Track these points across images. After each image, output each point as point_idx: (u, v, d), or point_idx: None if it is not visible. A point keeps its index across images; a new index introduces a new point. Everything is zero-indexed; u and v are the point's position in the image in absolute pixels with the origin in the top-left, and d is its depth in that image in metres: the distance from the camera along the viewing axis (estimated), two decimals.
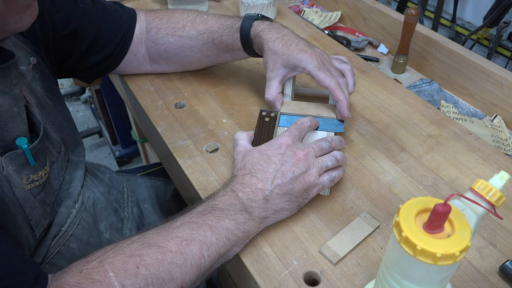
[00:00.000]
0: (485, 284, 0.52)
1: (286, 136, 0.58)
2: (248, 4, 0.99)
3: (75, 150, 0.69)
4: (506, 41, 0.97)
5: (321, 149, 0.59)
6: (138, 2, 1.13)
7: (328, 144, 0.60)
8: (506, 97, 0.79)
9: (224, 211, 0.53)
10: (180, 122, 0.76)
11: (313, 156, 0.57)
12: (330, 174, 0.58)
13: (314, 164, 0.57)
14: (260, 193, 0.55)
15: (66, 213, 0.63)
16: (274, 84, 0.69)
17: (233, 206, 0.54)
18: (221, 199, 0.55)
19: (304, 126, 0.61)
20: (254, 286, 0.54)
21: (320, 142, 0.59)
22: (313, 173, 0.57)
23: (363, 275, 0.53)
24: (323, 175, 0.58)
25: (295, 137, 0.59)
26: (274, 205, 0.56)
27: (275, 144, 0.58)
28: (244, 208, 0.54)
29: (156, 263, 0.47)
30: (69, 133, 0.67)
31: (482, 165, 0.67)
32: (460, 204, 0.41)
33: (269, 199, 0.55)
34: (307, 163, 0.56)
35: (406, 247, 0.36)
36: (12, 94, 0.52)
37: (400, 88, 0.83)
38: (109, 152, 2.09)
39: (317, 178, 0.57)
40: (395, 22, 0.96)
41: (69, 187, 0.65)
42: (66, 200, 0.64)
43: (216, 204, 0.54)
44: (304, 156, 0.56)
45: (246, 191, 0.55)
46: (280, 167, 0.56)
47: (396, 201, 0.62)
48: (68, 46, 0.70)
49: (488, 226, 0.59)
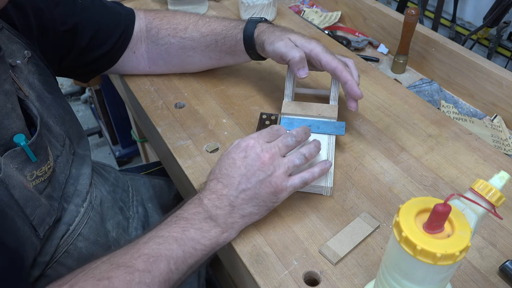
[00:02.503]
0: (485, 284, 0.52)
1: (253, 138, 0.56)
2: (248, 4, 0.99)
3: (80, 143, 0.68)
4: (506, 41, 0.97)
5: (287, 147, 0.56)
6: (138, 2, 1.13)
7: (294, 139, 0.57)
8: (506, 97, 0.79)
9: (189, 221, 0.53)
10: (180, 122, 0.76)
11: (280, 157, 0.55)
12: (302, 177, 0.56)
13: (281, 166, 0.55)
14: (226, 199, 0.54)
15: (75, 211, 0.62)
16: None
17: (198, 215, 0.53)
18: (187, 207, 0.54)
19: (279, 133, 0.58)
20: (254, 286, 0.54)
21: (285, 139, 0.57)
22: (279, 175, 0.54)
23: (363, 275, 0.53)
24: (294, 177, 0.56)
25: (263, 138, 0.56)
26: (241, 210, 0.55)
27: (240, 147, 0.56)
28: (209, 216, 0.54)
29: (124, 285, 0.47)
30: (71, 125, 0.66)
31: (482, 165, 0.67)
32: (460, 204, 0.41)
33: (235, 205, 0.54)
34: (273, 166, 0.54)
35: (406, 247, 0.36)
36: (2, 90, 0.50)
37: (400, 88, 0.83)
38: (109, 152, 2.09)
39: (286, 180, 0.55)
40: (395, 22, 0.96)
41: (76, 184, 0.64)
42: (75, 198, 0.63)
43: (181, 213, 0.54)
44: (269, 159, 0.54)
45: (211, 197, 0.54)
46: (245, 172, 0.54)
47: (396, 201, 0.62)
48: (67, 41, 0.69)
49: (488, 226, 0.59)
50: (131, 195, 0.82)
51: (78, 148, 0.67)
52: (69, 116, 0.66)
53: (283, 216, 0.60)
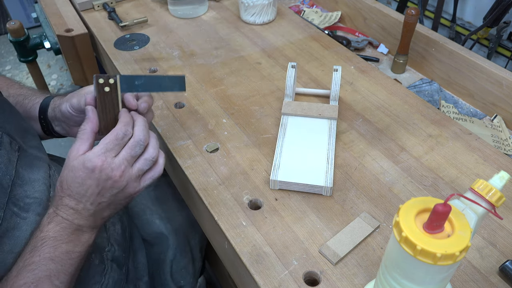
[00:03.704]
0: (485, 284, 0.52)
1: (99, 157, 0.54)
2: (248, 4, 0.99)
3: (25, 139, 0.62)
4: (506, 41, 0.97)
5: (134, 157, 0.56)
6: (138, 2, 1.13)
7: (142, 146, 0.56)
8: (506, 97, 0.79)
9: (58, 238, 0.53)
10: (180, 122, 0.76)
11: (129, 169, 0.56)
12: (152, 177, 0.58)
13: (132, 176, 0.56)
14: (84, 211, 0.55)
15: (40, 221, 0.56)
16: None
17: (64, 230, 0.53)
18: (49, 227, 0.53)
19: (125, 140, 0.56)
20: (254, 286, 0.54)
21: (133, 150, 0.56)
22: (132, 184, 0.56)
23: (363, 275, 0.53)
24: (144, 179, 0.58)
25: (110, 154, 0.54)
26: (102, 214, 0.56)
27: (88, 168, 0.53)
28: (75, 227, 0.54)
29: None
30: (7, 119, 0.59)
31: (482, 165, 0.67)
32: (460, 204, 0.41)
33: (94, 214, 0.55)
34: (125, 180, 0.55)
35: (406, 247, 0.36)
36: None
37: (400, 88, 0.83)
38: None
39: (138, 185, 0.57)
40: (395, 22, 0.96)
41: (30, 189, 0.57)
42: (35, 206, 0.57)
43: (45, 235, 0.53)
44: (120, 176, 0.55)
45: (69, 212, 0.54)
46: (98, 190, 0.54)
47: (396, 201, 0.62)
48: None
49: (488, 226, 0.59)
50: None
51: (25, 145, 0.61)
52: (0, 110, 0.60)
53: (283, 216, 0.60)
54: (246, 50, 0.94)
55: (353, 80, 0.85)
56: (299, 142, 0.68)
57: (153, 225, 0.85)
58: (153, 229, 0.84)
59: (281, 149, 0.67)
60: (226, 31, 1.00)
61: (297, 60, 0.91)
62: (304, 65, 0.89)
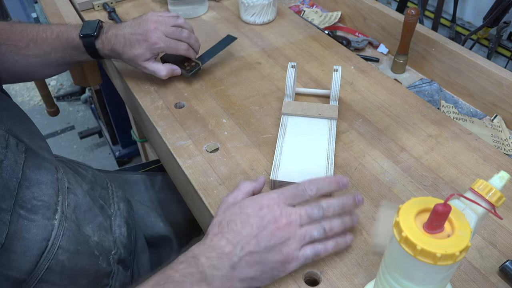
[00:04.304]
0: (485, 284, 0.52)
1: (273, 199, 0.51)
2: (248, 4, 0.99)
3: (33, 141, 0.61)
4: (506, 41, 0.97)
5: (309, 218, 0.51)
6: (138, 1, 1.13)
7: (322, 212, 0.52)
8: (506, 97, 0.79)
9: (180, 284, 0.47)
10: (180, 122, 0.76)
11: (297, 225, 0.51)
12: (315, 247, 0.51)
13: (296, 236, 0.50)
14: (227, 259, 0.48)
15: (49, 225, 0.56)
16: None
17: (190, 277, 0.47)
18: (179, 267, 0.48)
19: (305, 195, 0.52)
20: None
21: (312, 210, 0.52)
22: (292, 244, 0.50)
23: (363, 275, 0.53)
24: (305, 248, 0.51)
25: (284, 200, 0.52)
26: (242, 274, 0.49)
27: (258, 203, 0.51)
28: (203, 278, 0.47)
29: None
30: (15, 122, 0.59)
31: (482, 165, 0.67)
32: (460, 204, 0.41)
33: (236, 266, 0.48)
34: (288, 233, 0.50)
35: (406, 247, 0.36)
36: None
37: (400, 88, 0.83)
38: (109, 152, 2.09)
39: (297, 249, 0.50)
40: (395, 22, 0.96)
41: (38, 191, 0.56)
42: (43, 210, 0.56)
43: (171, 274, 0.48)
44: (285, 225, 0.50)
45: (210, 256, 0.48)
46: (256, 232, 0.49)
47: (396, 201, 0.62)
48: None
49: (488, 226, 0.59)
50: (111, 192, 0.79)
51: (33, 145, 0.60)
52: (5, 113, 0.59)
53: None
54: (246, 50, 0.94)
55: (353, 80, 0.85)
56: (299, 142, 0.68)
57: (157, 227, 0.85)
58: (157, 231, 0.84)
59: (281, 149, 0.67)
60: (226, 31, 1.00)
61: (297, 60, 0.91)
62: (304, 65, 0.89)
